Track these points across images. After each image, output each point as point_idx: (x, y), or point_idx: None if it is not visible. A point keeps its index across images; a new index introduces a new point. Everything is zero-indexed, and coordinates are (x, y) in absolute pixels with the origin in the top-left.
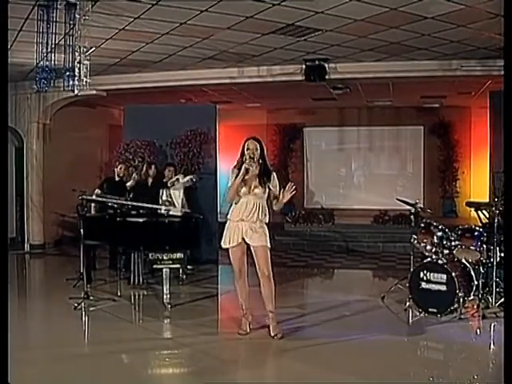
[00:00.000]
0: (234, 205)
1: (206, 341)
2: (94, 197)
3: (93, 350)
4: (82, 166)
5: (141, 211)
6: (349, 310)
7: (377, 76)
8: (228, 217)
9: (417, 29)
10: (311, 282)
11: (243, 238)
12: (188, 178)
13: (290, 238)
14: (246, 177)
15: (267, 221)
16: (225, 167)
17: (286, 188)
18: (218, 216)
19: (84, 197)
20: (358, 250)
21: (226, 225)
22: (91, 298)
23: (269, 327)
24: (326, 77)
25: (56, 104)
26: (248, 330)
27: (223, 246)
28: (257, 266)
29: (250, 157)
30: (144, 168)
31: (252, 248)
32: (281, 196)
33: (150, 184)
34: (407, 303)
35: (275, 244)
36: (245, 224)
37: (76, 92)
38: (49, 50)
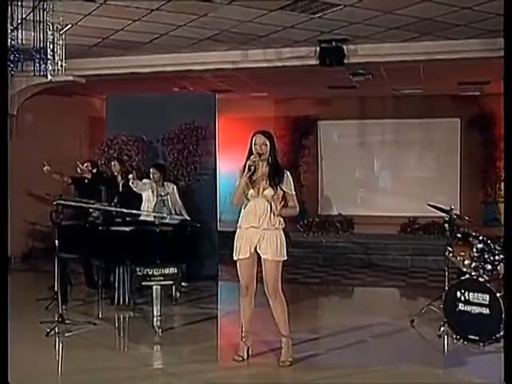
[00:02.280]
0: (242, 209)
1: (199, 370)
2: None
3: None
4: (56, 166)
5: (127, 218)
6: (371, 334)
7: (405, 59)
8: (238, 224)
9: (454, 1)
10: (326, 301)
11: (255, 249)
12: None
13: (302, 250)
14: (254, 177)
15: (283, 226)
16: (226, 167)
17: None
18: (218, 224)
19: (60, 201)
20: (382, 264)
21: (237, 233)
22: (67, 321)
23: (280, 352)
24: (345, 61)
25: (24, 92)
26: (245, 355)
27: (234, 256)
28: (264, 281)
29: (257, 153)
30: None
31: (262, 260)
32: (273, 206)
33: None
34: (442, 328)
35: None
36: (256, 231)
37: (49, 78)
38: (15, 25)
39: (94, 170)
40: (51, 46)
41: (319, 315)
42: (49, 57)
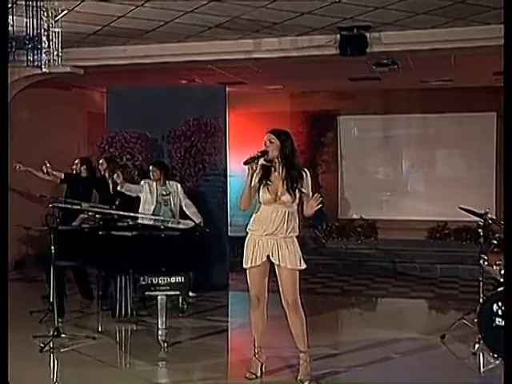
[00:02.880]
0: (254, 213)
1: None
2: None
3: None
4: (52, 165)
5: (130, 222)
6: (397, 351)
7: (434, 47)
8: (248, 228)
9: None
10: (348, 313)
11: (268, 256)
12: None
13: (321, 257)
14: (271, 179)
15: (297, 233)
16: (237, 166)
17: (312, 200)
18: (229, 229)
19: (55, 204)
20: (409, 273)
21: (247, 238)
22: (63, 335)
23: (298, 369)
24: (367, 50)
25: (17, 84)
26: (259, 372)
27: (245, 265)
28: (281, 293)
29: (261, 151)
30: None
31: (277, 269)
32: (305, 206)
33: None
34: (476, 345)
35: None
36: (271, 239)
37: (44, 69)
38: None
39: (83, 168)
40: (46, 33)
41: (340, 329)
42: (43, 46)
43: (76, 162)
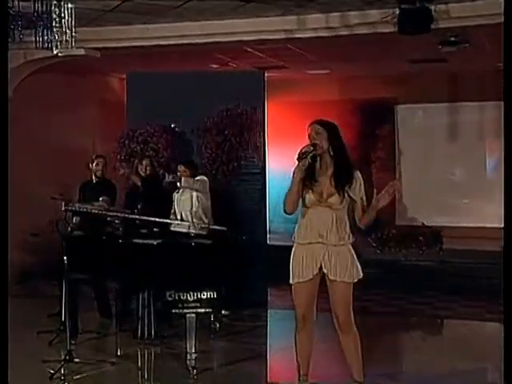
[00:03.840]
0: (299, 219)
1: None
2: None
3: None
4: (63, 163)
5: (154, 229)
6: None
7: None
8: (294, 238)
9: None
10: (408, 338)
11: (319, 269)
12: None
13: (375, 271)
14: (316, 178)
15: (353, 240)
16: (277, 164)
17: (387, 187)
18: (268, 236)
19: (69, 207)
20: (482, 290)
21: (293, 250)
22: (76, 360)
23: None
24: (432, 26)
25: (23, 68)
26: None
27: (292, 280)
28: (332, 311)
29: (311, 144)
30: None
31: (328, 283)
32: (374, 201)
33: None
34: None
35: None
36: (321, 247)
37: (55, 51)
38: None
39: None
40: (57, 10)
41: (400, 355)
42: (54, 24)
43: (96, 162)
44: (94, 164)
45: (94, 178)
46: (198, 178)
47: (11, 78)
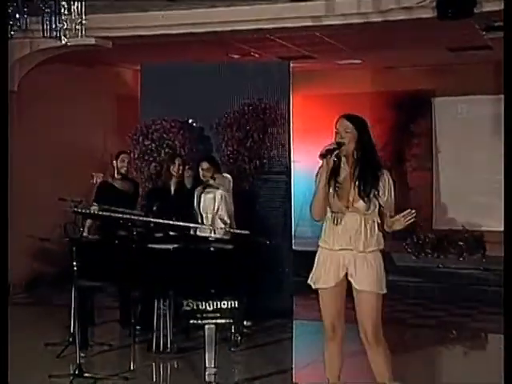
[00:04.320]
0: (325, 223)
1: None
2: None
3: None
4: (72, 162)
5: (170, 232)
6: None
7: None
8: (320, 242)
9: None
10: (447, 352)
11: (345, 275)
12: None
13: (411, 279)
14: (340, 181)
15: (382, 246)
16: (303, 163)
17: (403, 214)
18: (293, 241)
19: (79, 210)
20: None
21: (317, 254)
22: (86, 374)
23: None
24: (475, 10)
25: (29, 59)
26: None
27: (313, 285)
28: (359, 322)
29: (336, 142)
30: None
31: (354, 292)
32: (390, 221)
33: (172, 190)
34: None
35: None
36: (347, 253)
37: (64, 40)
38: None
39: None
40: None
41: (437, 372)
42: (63, 11)
43: (122, 157)
44: (119, 160)
45: (116, 175)
46: (225, 175)
47: (16, 70)
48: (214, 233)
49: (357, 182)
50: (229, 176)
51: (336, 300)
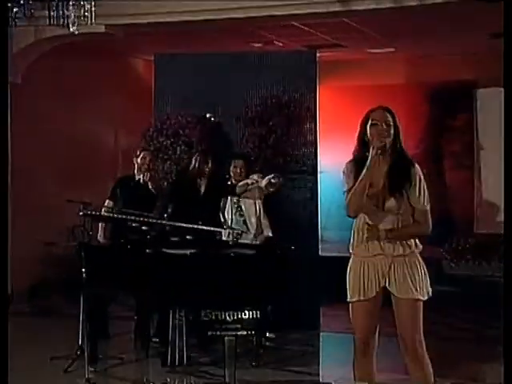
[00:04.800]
0: (355, 225)
1: None
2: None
3: None
4: (81, 160)
5: (187, 237)
6: None
7: None
8: (351, 247)
9: None
10: (489, 371)
11: (384, 285)
12: (268, 178)
13: (449, 288)
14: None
15: (420, 248)
16: (330, 161)
17: None
18: (320, 246)
19: (88, 212)
20: None
21: (351, 263)
22: None
23: None
24: None
25: (33, 49)
26: None
27: (349, 298)
28: (398, 334)
29: (381, 136)
30: (194, 161)
31: (393, 300)
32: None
33: (202, 190)
34: None
35: None
36: (383, 259)
37: (72, 28)
38: None
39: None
40: None
41: None
42: None
43: (143, 155)
44: (140, 158)
45: (137, 174)
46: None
47: (19, 61)
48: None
49: (387, 179)
50: (259, 175)
51: (371, 312)
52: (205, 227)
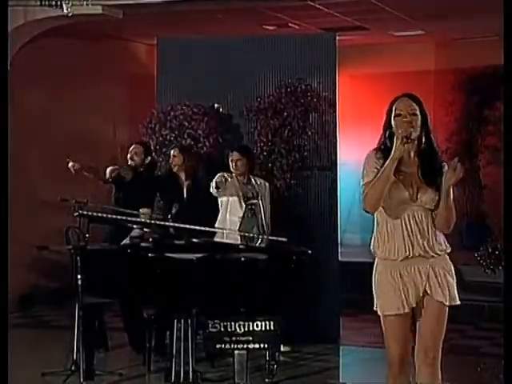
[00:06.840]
0: (381, 225)
1: None
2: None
3: None
4: (76, 155)
5: (194, 240)
6: None
7: None
8: (373, 250)
9: None
10: None
11: (423, 293)
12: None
13: (484, 298)
14: (403, 169)
15: (449, 250)
16: (352, 156)
17: (451, 164)
18: (339, 250)
19: (84, 212)
20: None
21: (378, 269)
22: None
23: None
24: None
25: (23, 32)
26: None
27: (381, 311)
28: (417, 336)
29: (408, 125)
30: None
31: (426, 303)
32: (444, 182)
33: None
34: None
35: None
36: (422, 262)
37: (66, 10)
38: None
39: (147, 161)
40: None
41: None
42: None
43: (133, 149)
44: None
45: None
46: (258, 180)
47: (12, 44)
48: (263, 241)
49: (424, 172)
50: (265, 182)
51: (406, 328)
52: (215, 229)
